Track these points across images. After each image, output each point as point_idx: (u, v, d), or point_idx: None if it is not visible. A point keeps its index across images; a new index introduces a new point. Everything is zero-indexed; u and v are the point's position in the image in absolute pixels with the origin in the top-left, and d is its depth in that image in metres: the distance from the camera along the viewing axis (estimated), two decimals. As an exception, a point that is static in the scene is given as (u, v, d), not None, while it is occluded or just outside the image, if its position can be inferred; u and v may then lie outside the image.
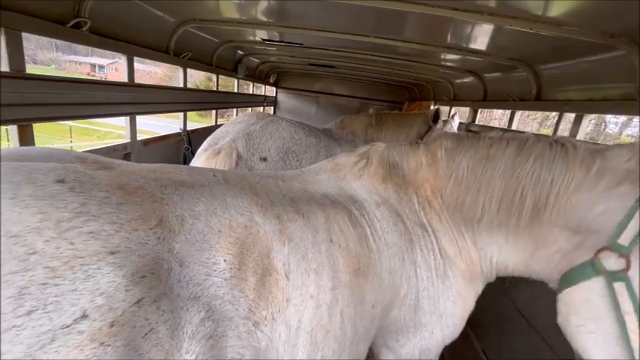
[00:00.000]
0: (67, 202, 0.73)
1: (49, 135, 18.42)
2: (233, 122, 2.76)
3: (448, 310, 1.44)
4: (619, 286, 0.98)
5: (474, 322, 2.99)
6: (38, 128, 1.98)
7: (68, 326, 0.62)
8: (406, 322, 1.43)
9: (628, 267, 0.97)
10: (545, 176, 1.18)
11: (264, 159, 2.53)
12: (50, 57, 36.20)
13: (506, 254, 1.40)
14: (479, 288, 1.53)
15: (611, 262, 1.01)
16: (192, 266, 0.86)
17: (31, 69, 1.87)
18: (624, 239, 0.99)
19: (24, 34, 1.79)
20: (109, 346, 0.65)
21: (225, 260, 0.91)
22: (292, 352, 1.03)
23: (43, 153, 0.93)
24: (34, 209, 0.68)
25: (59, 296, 0.63)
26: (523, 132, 1.49)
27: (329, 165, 1.59)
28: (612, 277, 0.99)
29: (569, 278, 1.13)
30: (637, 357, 0.93)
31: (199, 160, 2.41)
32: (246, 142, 2.50)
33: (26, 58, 1.83)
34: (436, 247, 1.43)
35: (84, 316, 0.64)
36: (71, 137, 19.66)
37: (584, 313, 1.07)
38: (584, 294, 1.07)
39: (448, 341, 1.50)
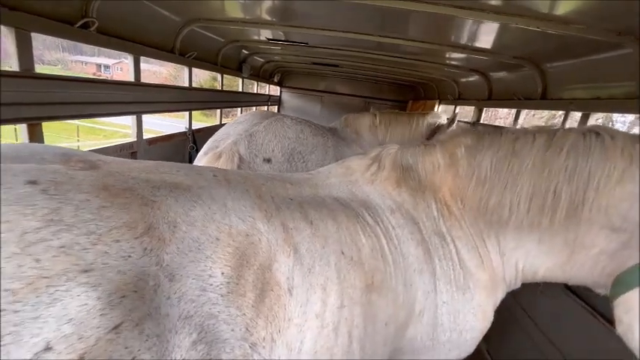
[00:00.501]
0: (37, 207, 0.63)
1: (56, 134, 18.58)
2: (235, 122, 2.68)
3: (468, 325, 1.31)
4: None
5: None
6: (45, 127, 2.01)
7: None
8: (423, 341, 1.29)
9: None
10: (581, 169, 1.07)
11: (268, 160, 2.43)
12: (57, 57, 36.50)
13: (537, 258, 1.30)
14: (499, 297, 1.41)
15: None
16: (184, 280, 0.76)
17: (38, 69, 1.89)
18: None
19: (32, 35, 1.82)
20: None
21: (222, 273, 0.81)
22: None
23: (27, 150, 0.84)
24: None
25: (18, 325, 0.54)
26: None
27: (340, 169, 1.50)
28: None
29: (625, 282, 1.01)
30: None
31: (200, 164, 2.36)
32: (248, 144, 2.40)
33: (33, 57, 1.85)
34: (455, 257, 1.31)
35: (47, 349, 0.55)
36: (78, 136, 19.81)
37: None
38: None
39: (464, 355, 1.38)
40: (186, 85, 3.73)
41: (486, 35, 2.47)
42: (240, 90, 5.92)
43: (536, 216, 1.17)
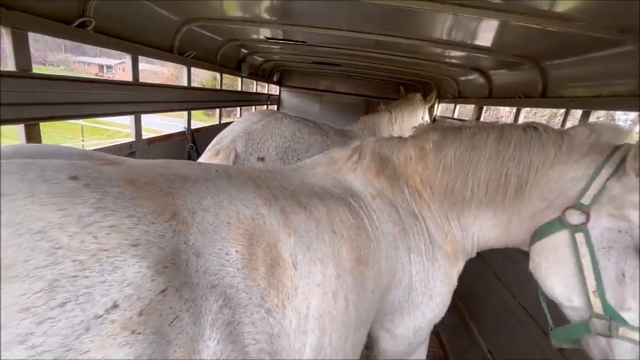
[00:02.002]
0: (85, 198, 0.74)
1: (60, 134, 18.56)
2: (238, 121, 2.74)
3: (437, 290, 1.56)
4: (579, 236, 1.22)
5: (480, 321, 2.98)
6: (49, 127, 2.01)
7: (100, 316, 0.64)
8: (401, 303, 1.54)
9: (588, 220, 1.22)
10: (525, 158, 1.37)
11: (262, 159, 2.49)
12: (59, 58, 36.62)
13: (489, 230, 1.58)
14: (461, 266, 1.68)
15: (575, 217, 1.25)
16: (207, 257, 0.89)
17: (40, 70, 1.88)
18: (586, 199, 1.24)
19: (34, 35, 1.81)
20: (139, 334, 0.67)
21: (236, 251, 0.95)
22: (302, 338, 1.07)
23: (53, 150, 0.96)
24: (53, 206, 0.69)
25: (90, 287, 0.65)
26: (494, 122, 1.70)
27: (324, 159, 1.68)
28: (575, 229, 1.24)
29: (541, 233, 1.35)
30: (588, 288, 1.19)
31: (202, 160, 2.43)
32: (245, 142, 2.47)
33: (36, 59, 1.84)
34: (426, 233, 1.55)
35: (115, 306, 0.66)
36: (83, 136, 19.83)
37: (552, 259, 1.31)
38: (553, 244, 1.31)
39: (437, 320, 1.64)
40: (186, 84, 3.71)
41: (486, 33, 2.46)
42: (240, 89, 5.91)
43: (492, 196, 1.44)
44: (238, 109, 6.19)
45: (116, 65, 38.69)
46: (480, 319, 2.97)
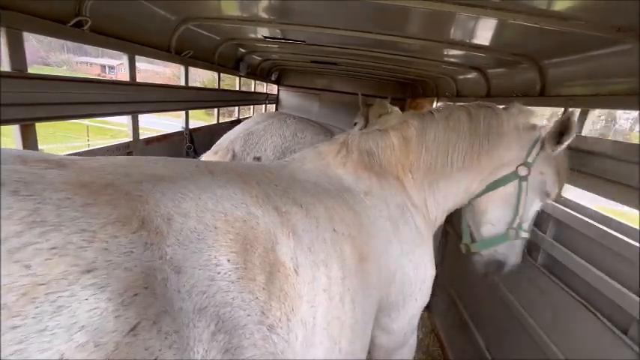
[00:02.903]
0: (13, 210, 0.55)
1: (65, 134, 18.45)
2: (244, 122, 2.71)
3: (428, 274, 1.64)
4: (524, 184, 1.78)
5: (479, 320, 2.98)
6: (53, 127, 2.00)
7: None
8: (396, 296, 1.54)
9: (529, 174, 1.78)
10: (492, 130, 1.73)
11: (258, 158, 2.45)
12: (62, 59, 36.55)
13: (458, 193, 1.85)
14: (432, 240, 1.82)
15: (523, 171, 1.77)
16: (190, 272, 0.73)
17: (43, 70, 1.87)
18: (530, 158, 1.77)
19: (33, 36, 1.79)
20: None
21: (228, 260, 0.80)
22: (311, 352, 0.96)
23: None
24: None
25: (23, 342, 0.48)
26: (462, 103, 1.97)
27: (312, 154, 1.66)
28: (522, 179, 1.78)
29: (497, 183, 1.81)
30: (518, 214, 1.81)
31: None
32: (244, 142, 2.45)
33: (39, 59, 1.83)
34: (412, 221, 1.62)
35: None
36: (89, 136, 19.69)
37: (501, 200, 1.81)
38: (506, 190, 1.80)
39: (425, 303, 1.70)
40: (183, 84, 3.70)
41: (484, 32, 2.45)
42: (238, 89, 5.89)
43: (468, 164, 1.74)
44: (236, 108, 6.17)
45: (118, 66, 38.57)
46: (479, 319, 2.97)
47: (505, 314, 2.52)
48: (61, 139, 17.28)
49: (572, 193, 2.19)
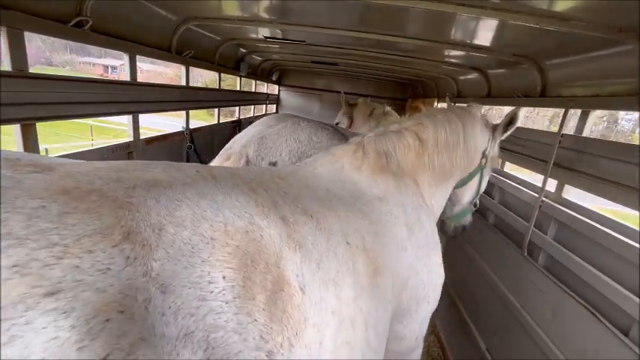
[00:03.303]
0: None
1: (68, 134, 18.44)
2: (254, 125, 2.60)
3: (440, 278, 1.62)
4: (484, 171, 2.12)
5: (479, 320, 2.98)
6: (56, 127, 2.00)
7: None
8: (408, 302, 1.48)
9: (486, 162, 2.07)
10: (474, 131, 1.93)
11: (274, 164, 2.32)
12: (65, 59, 36.63)
13: (449, 192, 2.01)
14: None
15: (484, 161, 2.05)
16: (178, 290, 0.64)
17: (47, 70, 1.87)
18: (487, 150, 2.05)
19: (37, 36, 1.79)
20: None
21: (224, 277, 0.71)
22: None
23: None
24: None
25: None
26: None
27: (325, 158, 1.56)
28: (483, 167, 2.08)
29: (469, 177, 2.05)
30: (478, 193, 2.22)
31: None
32: (258, 147, 2.32)
33: (43, 59, 1.82)
34: (426, 224, 1.59)
35: None
36: (92, 136, 19.64)
37: (470, 187, 2.14)
38: (476, 179, 2.11)
39: (436, 305, 1.66)
40: (184, 84, 3.70)
41: (485, 33, 2.45)
42: (238, 89, 5.90)
43: (463, 165, 1.93)
44: (237, 108, 6.17)
45: (121, 66, 38.62)
46: (479, 319, 2.97)
47: (505, 315, 2.52)
48: (64, 138, 17.31)
49: (572, 193, 2.20)
